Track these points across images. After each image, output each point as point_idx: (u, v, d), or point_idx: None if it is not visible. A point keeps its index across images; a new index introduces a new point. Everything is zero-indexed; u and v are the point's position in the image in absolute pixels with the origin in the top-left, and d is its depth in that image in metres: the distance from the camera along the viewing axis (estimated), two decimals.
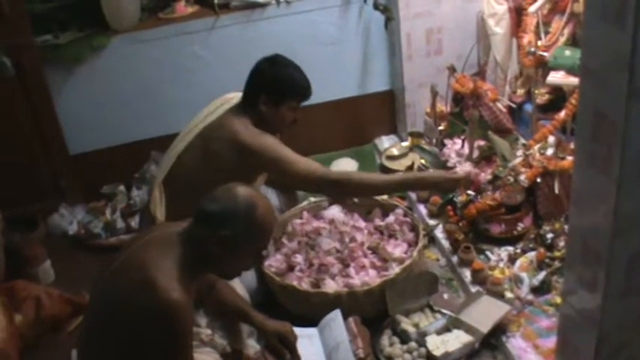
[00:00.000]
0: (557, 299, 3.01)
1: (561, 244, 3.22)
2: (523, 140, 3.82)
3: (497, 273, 3.24)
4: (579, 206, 2.11)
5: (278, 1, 4.26)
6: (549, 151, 3.46)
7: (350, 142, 4.74)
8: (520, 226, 3.47)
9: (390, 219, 3.45)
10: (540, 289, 3.14)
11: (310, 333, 3.03)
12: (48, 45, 4.04)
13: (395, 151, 4.39)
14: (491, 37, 4.08)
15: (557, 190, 3.37)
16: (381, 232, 3.44)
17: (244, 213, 2.33)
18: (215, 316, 2.82)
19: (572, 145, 3.24)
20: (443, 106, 4.16)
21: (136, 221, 4.10)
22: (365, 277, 3.14)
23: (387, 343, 3.02)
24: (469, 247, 3.40)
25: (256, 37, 4.27)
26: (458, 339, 2.95)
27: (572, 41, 3.57)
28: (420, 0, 4.18)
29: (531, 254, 3.29)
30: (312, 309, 3.11)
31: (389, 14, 4.24)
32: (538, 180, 3.42)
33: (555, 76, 3.52)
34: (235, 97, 3.35)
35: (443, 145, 4.08)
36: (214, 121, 3.24)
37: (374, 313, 3.12)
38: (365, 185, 3.24)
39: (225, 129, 3.15)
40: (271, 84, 3.18)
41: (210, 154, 3.15)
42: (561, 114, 3.42)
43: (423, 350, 2.92)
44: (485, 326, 2.95)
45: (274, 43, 4.23)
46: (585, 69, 1.92)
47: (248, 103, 3.22)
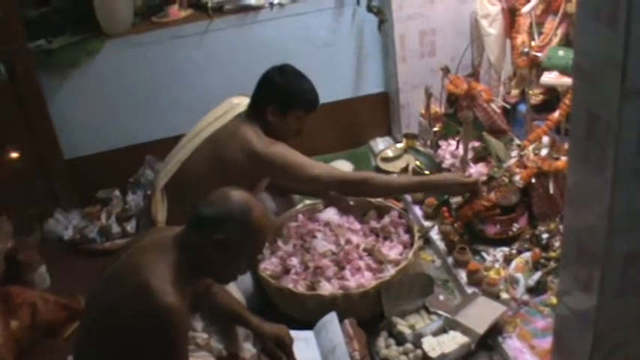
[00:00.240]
0: (553, 299, 3.01)
1: (556, 244, 3.23)
2: (517, 141, 3.82)
3: (492, 274, 3.24)
4: (574, 206, 2.11)
5: (271, 4, 4.26)
6: (544, 152, 3.47)
7: (345, 144, 4.74)
8: (515, 227, 3.47)
9: (386, 221, 3.45)
10: (536, 289, 3.14)
11: (306, 336, 3.02)
12: (41, 50, 4.04)
13: (390, 153, 4.40)
14: (485, 38, 4.08)
15: (551, 191, 3.37)
16: (377, 234, 3.44)
17: (239, 217, 2.34)
18: (211, 320, 2.82)
19: (566, 146, 3.25)
20: (437, 108, 4.16)
21: (132, 226, 4.10)
22: (360, 279, 3.13)
23: (383, 344, 3.02)
24: (464, 248, 3.40)
25: (250, 40, 4.27)
26: (454, 340, 2.94)
27: (566, 41, 3.58)
28: (413, 1, 4.18)
29: (527, 255, 3.29)
30: (308, 312, 3.11)
31: (382, 16, 4.25)
32: (533, 180, 3.42)
33: (549, 77, 3.53)
34: (241, 104, 3.35)
35: (437, 147, 4.08)
36: (224, 129, 3.25)
37: (370, 315, 3.12)
38: (383, 186, 3.31)
39: (238, 138, 3.16)
40: (280, 94, 3.20)
41: (222, 161, 3.17)
42: (555, 114, 3.42)
43: (419, 352, 2.92)
44: (481, 327, 2.95)
45: (268, 46, 4.25)
46: (578, 69, 1.92)
47: (255, 111, 3.24)
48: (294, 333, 2.91)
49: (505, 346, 2.93)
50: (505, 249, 3.42)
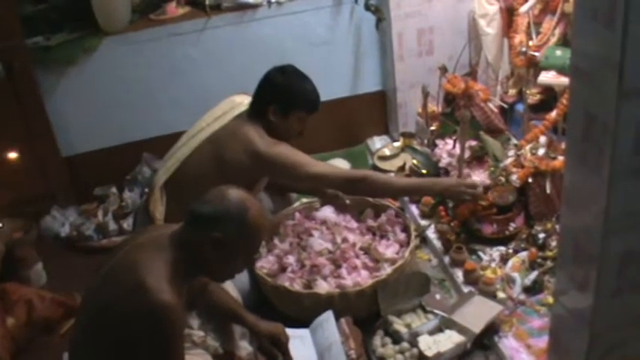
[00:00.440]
0: (549, 299, 3.01)
1: (553, 243, 3.23)
2: (514, 140, 3.83)
3: (489, 273, 3.24)
4: (571, 206, 2.11)
5: (269, 2, 4.26)
6: (541, 151, 3.46)
7: (342, 142, 4.74)
8: (512, 226, 3.47)
9: (382, 219, 3.45)
10: (532, 288, 3.14)
11: (302, 334, 3.02)
12: (39, 47, 4.04)
13: (387, 152, 4.40)
14: (483, 38, 4.09)
15: (548, 190, 3.38)
16: (373, 233, 3.44)
17: (236, 216, 2.33)
18: (207, 318, 2.81)
19: (563, 145, 3.25)
20: (434, 107, 4.17)
21: (129, 223, 4.10)
22: (357, 278, 3.13)
23: (379, 343, 3.02)
24: (461, 248, 3.40)
25: (248, 38, 4.27)
26: (450, 339, 2.94)
27: (563, 41, 3.58)
28: (411, 0, 4.18)
29: (523, 254, 3.29)
30: (304, 310, 3.11)
31: (380, 15, 4.25)
32: (529, 180, 3.42)
33: (546, 76, 3.53)
34: (243, 103, 3.35)
35: (434, 146, 4.08)
36: (224, 129, 3.25)
37: (366, 313, 3.12)
38: (381, 185, 3.31)
39: (240, 138, 3.15)
40: (282, 94, 3.19)
41: (222, 161, 3.16)
42: (552, 114, 3.43)
43: (415, 351, 2.92)
44: (478, 326, 2.95)
45: (266, 44, 4.25)
46: (576, 69, 1.92)
47: (257, 111, 3.23)
48: (290, 331, 2.91)
49: (501, 346, 2.93)
50: (502, 248, 3.42)
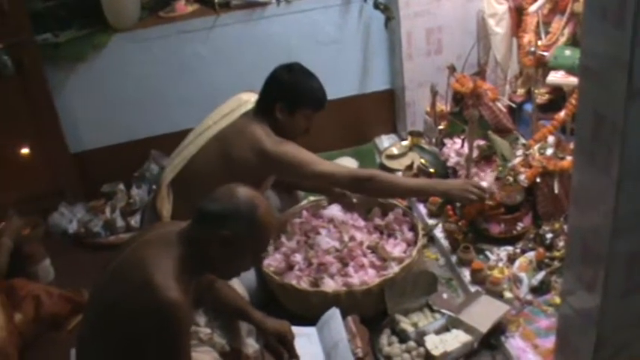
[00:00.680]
0: (557, 299, 3.01)
1: (561, 244, 3.22)
2: (523, 140, 3.82)
3: (496, 273, 3.23)
4: (579, 206, 2.11)
5: (278, 0, 4.25)
6: (549, 151, 3.46)
7: (350, 141, 4.74)
8: (519, 226, 3.47)
9: (390, 218, 3.45)
10: (539, 289, 3.14)
11: (309, 332, 3.02)
12: (48, 43, 4.04)
13: (395, 151, 4.40)
14: (492, 37, 4.08)
15: (556, 190, 3.37)
16: (381, 232, 3.44)
17: (245, 214, 2.33)
18: (214, 315, 2.82)
19: (571, 145, 3.24)
20: (443, 106, 4.16)
21: (136, 220, 4.10)
22: (364, 277, 3.14)
23: (385, 342, 3.02)
24: (468, 247, 3.40)
25: (256, 36, 4.27)
26: (457, 339, 2.94)
27: (573, 41, 3.57)
28: None
29: (530, 254, 3.29)
30: (311, 308, 3.11)
31: (389, 13, 4.24)
32: (538, 180, 3.42)
33: (555, 76, 3.52)
34: (250, 101, 3.35)
35: (442, 145, 4.08)
36: (232, 126, 3.25)
37: (373, 312, 3.12)
38: (388, 185, 3.29)
39: (247, 136, 3.16)
40: (288, 92, 3.20)
41: (229, 159, 3.16)
42: (561, 114, 3.42)
43: (421, 350, 2.92)
44: (484, 326, 2.95)
45: (274, 42, 4.25)
46: (585, 69, 1.92)
47: (263, 109, 3.23)
48: (296, 329, 2.91)
49: (508, 346, 2.93)
50: (509, 248, 3.42)
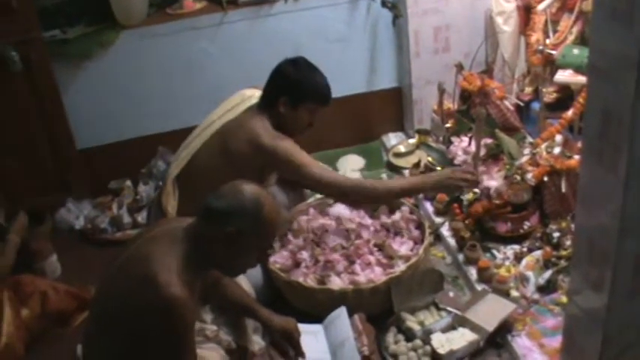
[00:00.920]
0: (563, 298, 3.01)
1: (567, 243, 3.21)
2: (530, 139, 3.81)
3: (503, 271, 3.23)
4: (586, 205, 2.10)
5: None
6: (556, 150, 3.45)
7: (357, 138, 4.74)
8: (526, 225, 3.46)
9: (397, 216, 3.44)
10: (546, 288, 3.13)
11: (315, 329, 3.03)
12: (56, 40, 4.05)
13: (402, 149, 4.40)
14: (500, 35, 4.07)
15: (563, 189, 3.36)
16: (387, 230, 3.43)
17: (251, 211, 2.34)
18: (220, 312, 2.82)
19: (579, 144, 3.23)
20: (450, 104, 4.15)
21: (143, 216, 4.11)
22: (370, 275, 3.13)
23: (392, 340, 3.02)
24: (475, 245, 3.39)
25: (264, 33, 4.27)
26: (463, 337, 2.94)
27: (581, 40, 3.57)
28: None
29: (537, 253, 3.28)
30: (317, 306, 3.11)
31: (397, 11, 4.24)
32: (545, 179, 3.41)
33: (563, 75, 3.52)
34: (254, 95, 3.35)
35: (450, 143, 4.07)
36: (233, 120, 3.26)
37: (379, 310, 3.12)
38: (377, 192, 3.27)
39: (246, 129, 3.16)
40: (292, 85, 3.19)
41: (229, 152, 3.17)
42: (569, 112, 3.41)
43: (428, 348, 2.92)
44: (491, 325, 2.94)
45: (282, 39, 4.24)
46: (593, 68, 1.91)
47: (267, 103, 3.23)
48: (303, 327, 2.91)
49: (514, 345, 2.93)
50: (516, 247, 3.41)
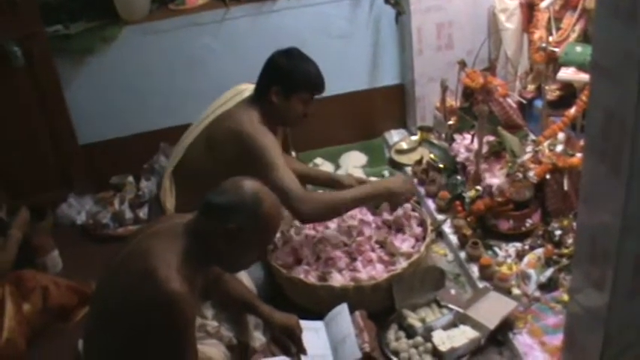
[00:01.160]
0: (565, 296, 3.01)
1: (569, 241, 3.21)
2: (533, 136, 3.81)
3: (504, 269, 3.23)
4: (588, 204, 2.10)
5: None
6: (559, 148, 3.45)
7: (359, 135, 4.74)
8: (528, 223, 3.46)
9: (398, 213, 3.44)
10: (547, 286, 3.13)
11: (317, 326, 3.03)
12: (58, 35, 4.04)
13: (404, 145, 4.40)
14: (502, 33, 4.07)
15: (566, 187, 3.36)
16: (389, 227, 3.43)
17: (250, 207, 2.33)
18: (221, 308, 2.82)
19: (581, 142, 3.23)
20: (453, 101, 4.15)
21: (145, 212, 4.11)
22: (372, 272, 3.13)
23: (393, 337, 3.02)
24: (477, 243, 3.39)
25: (266, 29, 4.26)
26: (464, 334, 2.94)
27: (584, 38, 3.56)
28: None
29: (539, 251, 3.28)
30: (318, 302, 3.11)
31: (400, 8, 4.24)
32: (547, 176, 3.40)
33: (566, 73, 3.52)
34: (247, 89, 3.35)
35: (452, 140, 4.07)
36: (223, 113, 3.25)
37: (380, 307, 3.12)
38: (330, 206, 3.15)
39: (232, 119, 3.16)
40: (283, 75, 3.17)
41: (213, 143, 3.17)
42: (571, 111, 3.41)
43: (429, 345, 2.92)
44: (492, 322, 2.94)
45: (284, 35, 4.23)
46: (596, 66, 1.91)
47: (260, 93, 3.22)
48: (304, 323, 2.92)
49: (515, 342, 2.93)
50: (517, 244, 3.41)
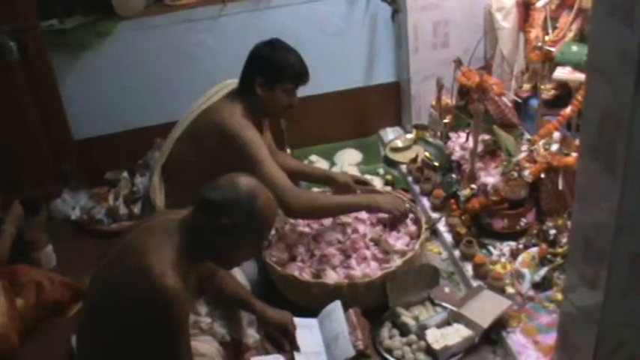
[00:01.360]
0: (558, 296, 3.01)
1: (564, 240, 3.21)
2: (528, 135, 3.80)
3: (498, 268, 3.24)
4: (583, 203, 2.10)
5: None
6: (554, 147, 3.45)
7: (354, 133, 4.73)
8: (523, 222, 3.47)
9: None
10: (541, 285, 3.13)
11: (310, 323, 3.03)
12: (53, 30, 4.02)
13: (399, 143, 4.40)
14: (499, 31, 4.06)
15: (560, 186, 3.36)
16: (384, 224, 3.43)
17: (245, 203, 2.33)
18: (215, 305, 2.82)
19: (576, 142, 3.23)
20: (448, 99, 4.15)
21: (139, 208, 4.10)
22: (366, 269, 3.13)
23: (386, 335, 3.02)
24: (471, 242, 3.40)
25: (262, 25, 4.25)
26: (458, 333, 2.94)
27: (580, 37, 3.56)
28: None
29: (533, 250, 3.28)
30: (312, 299, 3.11)
31: (396, 6, 4.23)
32: (542, 175, 3.41)
33: (562, 72, 3.51)
34: (233, 83, 3.34)
35: (447, 138, 4.07)
36: (208, 107, 3.24)
37: (374, 305, 3.12)
38: (315, 206, 3.21)
39: (216, 113, 3.15)
40: (266, 65, 3.16)
41: (197, 137, 3.16)
42: (567, 110, 3.41)
43: (422, 343, 2.92)
44: (486, 321, 2.95)
45: (280, 32, 4.19)
46: (592, 66, 1.91)
47: (244, 86, 3.21)
48: (298, 320, 2.92)
49: (509, 341, 2.93)
50: (512, 243, 3.41)
